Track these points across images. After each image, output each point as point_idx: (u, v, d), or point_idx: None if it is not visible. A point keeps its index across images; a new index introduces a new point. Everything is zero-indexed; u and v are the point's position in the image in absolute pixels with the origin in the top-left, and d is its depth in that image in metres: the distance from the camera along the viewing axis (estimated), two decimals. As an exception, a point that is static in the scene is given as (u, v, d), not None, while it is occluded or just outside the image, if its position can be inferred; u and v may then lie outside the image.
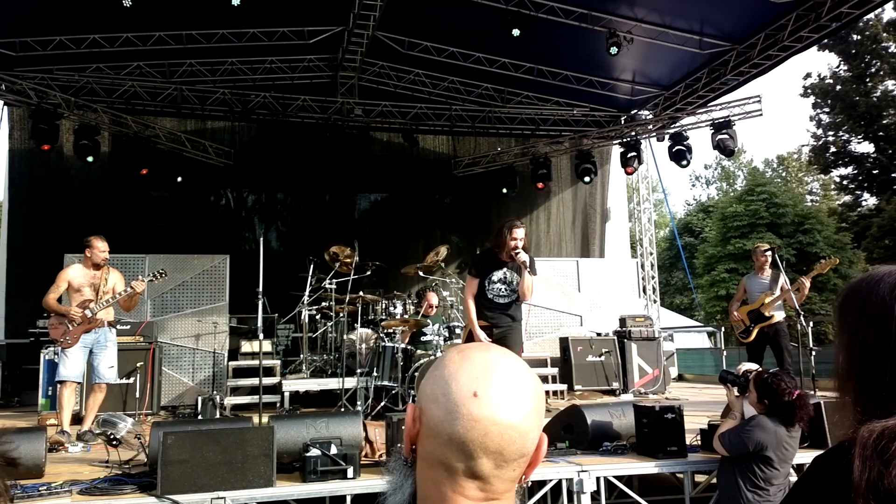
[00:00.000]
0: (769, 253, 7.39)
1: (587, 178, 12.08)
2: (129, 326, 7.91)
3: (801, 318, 6.69)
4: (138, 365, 7.64)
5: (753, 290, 7.29)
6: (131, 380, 7.56)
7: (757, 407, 3.85)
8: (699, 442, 4.70)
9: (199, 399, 7.23)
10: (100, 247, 6.02)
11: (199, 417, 6.76)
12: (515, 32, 8.69)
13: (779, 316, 7.06)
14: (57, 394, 6.09)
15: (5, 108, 10.50)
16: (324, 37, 10.21)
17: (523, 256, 5.22)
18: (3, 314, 10.40)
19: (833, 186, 32.78)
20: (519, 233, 5.27)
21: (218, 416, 6.89)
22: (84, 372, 6.04)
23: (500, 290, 5.39)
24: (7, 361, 9.05)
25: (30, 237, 10.54)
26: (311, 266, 8.68)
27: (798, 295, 6.88)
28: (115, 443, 4.53)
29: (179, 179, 11.05)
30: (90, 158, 10.04)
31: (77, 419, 6.85)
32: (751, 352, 7.20)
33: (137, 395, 7.50)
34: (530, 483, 4.39)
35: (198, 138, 11.46)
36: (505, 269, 5.39)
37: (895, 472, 0.95)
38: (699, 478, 4.98)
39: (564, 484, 4.14)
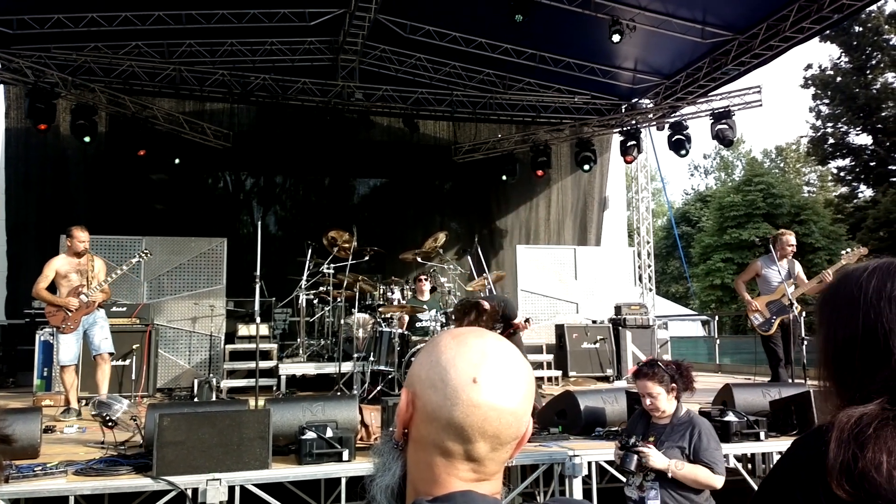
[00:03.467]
0: (794, 244, 7.03)
1: (587, 167, 12.07)
2: (125, 308, 7.93)
3: (794, 307, 6.67)
4: (134, 347, 7.65)
5: (771, 278, 6.92)
6: (127, 361, 7.58)
7: (672, 395, 3.42)
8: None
9: (196, 381, 7.28)
10: (79, 236, 6.28)
11: (196, 400, 6.80)
12: (518, 18, 8.64)
13: (797, 306, 6.77)
14: (59, 377, 6.39)
15: (2, 86, 10.43)
16: (325, 19, 10.13)
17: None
18: (3, 295, 10.40)
19: (830, 178, 32.79)
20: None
21: (214, 398, 6.93)
22: (80, 353, 6.30)
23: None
24: (2, 342, 9.06)
25: (27, 217, 10.53)
26: (310, 250, 8.69)
27: (821, 286, 6.60)
28: (110, 424, 4.54)
29: (177, 161, 11.02)
30: (87, 139, 9.98)
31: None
32: (774, 345, 6.88)
33: (133, 377, 7.52)
34: (522, 466, 4.44)
35: (196, 120, 11.41)
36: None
37: (869, 455, 0.97)
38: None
39: (556, 468, 4.18)
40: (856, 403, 1.05)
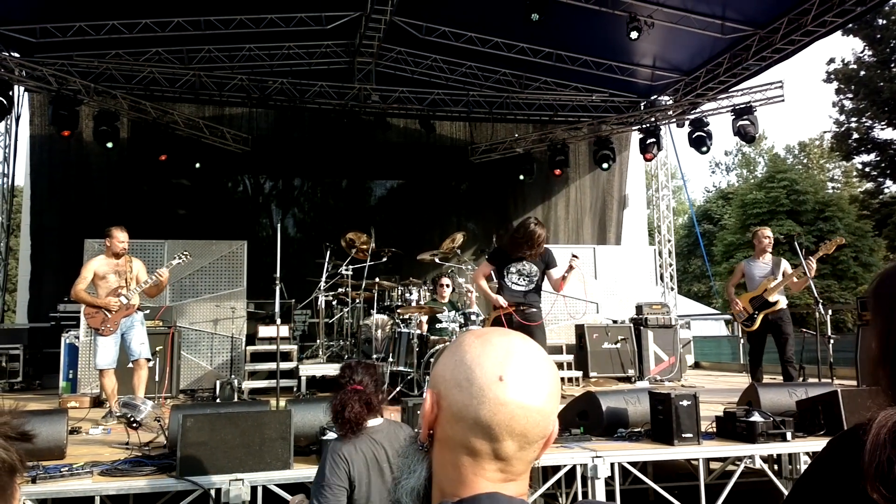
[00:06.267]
0: (770, 236, 7.13)
1: (605, 165, 11.99)
2: (148, 311, 7.99)
3: (820, 305, 6.57)
4: (157, 349, 7.71)
5: (754, 275, 7.03)
6: (150, 363, 7.66)
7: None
8: (714, 429, 4.68)
9: (218, 383, 7.34)
10: (119, 237, 6.19)
11: (218, 401, 6.86)
12: (534, 17, 8.60)
13: (782, 302, 6.81)
14: (100, 383, 6.33)
15: (26, 94, 10.61)
16: (341, 22, 10.18)
17: (575, 264, 5.53)
18: (26, 299, 10.57)
19: (855, 173, 32.28)
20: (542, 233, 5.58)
21: (236, 399, 6.98)
22: (117, 357, 6.22)
23: (520, 279, 5.70)
24: (28, 345, 9.21)
25: (51, 222, 10.69)
26: (328, 252, 8.72)
27: (804, 279, 6.63)
28: (135, 425, 4.58)
29: (198, 165, 11.14)
30: (110, 144, 10.13)
31: (97, 402, 7.14)
32: (754, 341, 7.02)
33: (157, 379, 7.58)
34: (544, 468, 4.41)
35: (216, 124, 11.52)
36: (523, 261, 5.69)
37: None
38: (714, 465, 4.97)
39: (579, 469, 4.15)
40: None
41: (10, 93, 9.60)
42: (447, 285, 8.28)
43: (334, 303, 8.91)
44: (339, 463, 2.68)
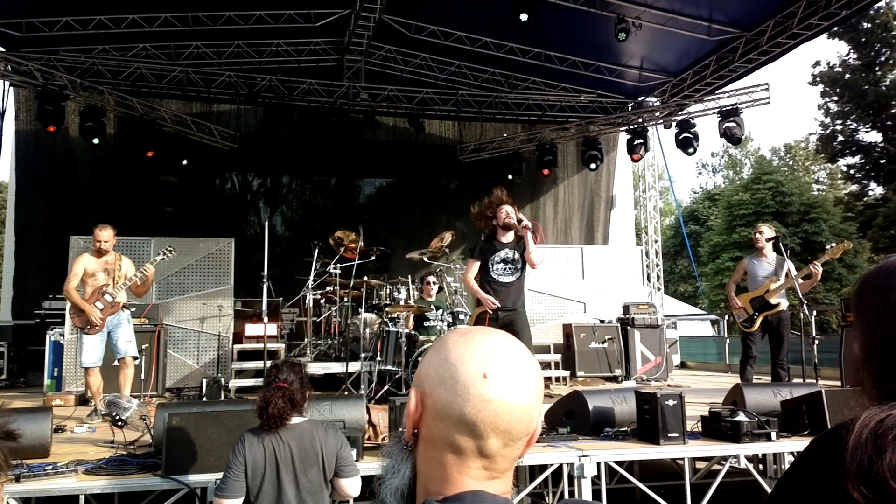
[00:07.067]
0: (766, 232, 7.02)
1: (593, 165, 12.03)
2: (134, 308, 7.93)
3: (805, 307, 6.61)
4: (144, 347, 7.65)
5: (757, 274, 6.89)
6: (137, 361, 7.61)
7: None
8: (700, 429, 4.72)
9: (204, 381, 7.30)
10: (98, 235, 6.20)
11: (204, 399, 6.82)
12: (523, 17, 8.62)
13: (783, 304, 6.73)
14: (85, 381, 6.29)
15: (12, 89, 10.49)
16: (330, 20, 10.16)
17: (525, 222, 5.60)
18: (10, 296, 10.47)
19: (840, 176, 32.60)
20: (508, 210, 5.69)
21: (222, 398, 6.95)
22: (103, 355, 6.18)
23: (505, 269, 5.69)
24: (13, 342, 9.12)
25: (36, 219, 10.58)
26: (316, 250, 8.70)
27: (809, 282, 6.53)
28: (120, 424, 4.55)
29: (185, 162, 11.06)
30: (96, 140, 10.04)
31: (82, 400, 7.09)
32: (750, 342, 6.90)
33: (143, 377, 7.53)
34: (531, 467, 4.42)
35: (203, 121, 11.45)
36: (506, 250, 5.72)
37: (887, 459, 0.94)
38: (700, 464, 5.01)
39: (565, 468, 4.16)
40: (888, 400, 1.01)
41: (-5, 88, 9.52)
42: (433, 283, 8.28)
43: (322, 301, 8.88)
44: (238, 448, 2.93)
